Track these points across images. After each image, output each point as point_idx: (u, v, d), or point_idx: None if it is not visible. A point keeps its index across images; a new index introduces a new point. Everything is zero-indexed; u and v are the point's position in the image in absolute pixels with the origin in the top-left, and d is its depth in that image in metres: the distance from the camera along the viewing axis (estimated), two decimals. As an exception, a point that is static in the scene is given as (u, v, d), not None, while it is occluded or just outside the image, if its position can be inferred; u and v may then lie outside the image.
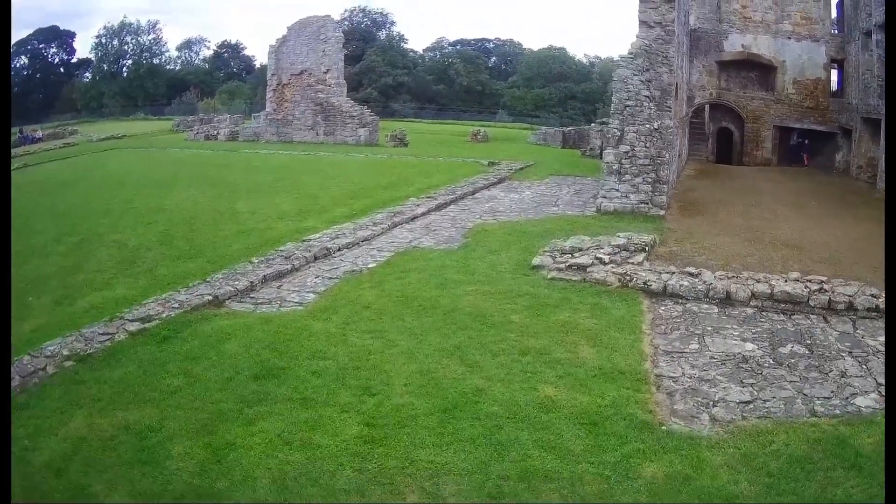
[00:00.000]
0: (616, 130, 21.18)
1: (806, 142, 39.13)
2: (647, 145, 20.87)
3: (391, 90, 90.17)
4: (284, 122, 43.88)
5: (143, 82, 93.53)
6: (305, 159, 32.81)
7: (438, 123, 67.81)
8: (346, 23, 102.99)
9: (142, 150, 41.65)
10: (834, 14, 38.67)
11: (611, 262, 14.07)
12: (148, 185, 26.41)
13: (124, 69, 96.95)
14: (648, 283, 13.03)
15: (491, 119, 79.35)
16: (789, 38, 38.50)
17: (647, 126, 21.08)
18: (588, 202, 21.84)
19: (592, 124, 46.17)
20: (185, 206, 21.99)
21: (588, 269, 13.72)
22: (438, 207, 20.58)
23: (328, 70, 44.14)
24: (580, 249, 14.66)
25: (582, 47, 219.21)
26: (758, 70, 39.40)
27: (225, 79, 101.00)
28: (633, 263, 14.23)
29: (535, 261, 14.39)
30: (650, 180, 20.70)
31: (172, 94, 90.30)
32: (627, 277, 13.29)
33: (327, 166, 29.66)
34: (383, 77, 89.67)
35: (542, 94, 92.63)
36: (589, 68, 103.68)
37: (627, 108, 21.46)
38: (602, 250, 14.62)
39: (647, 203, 20.46)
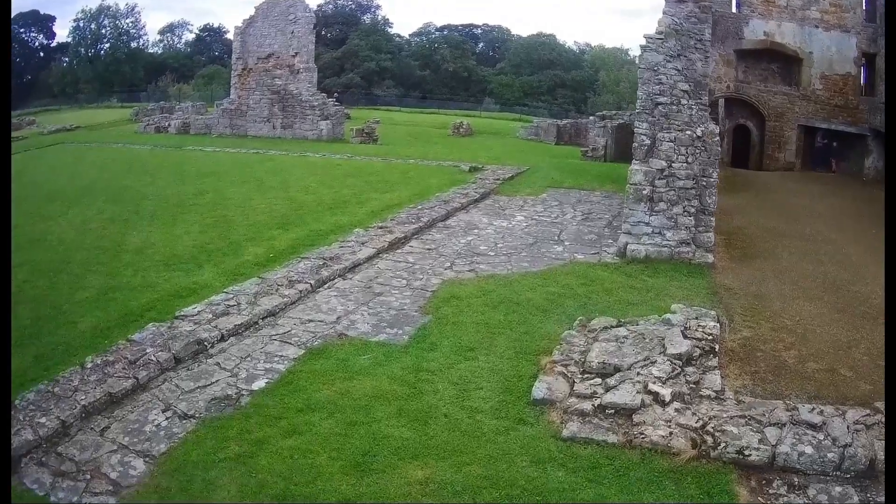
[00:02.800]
0: (644, 138, 14.47)
1: (834, 144, 32.53)
2: (689, 160, 14.18)
3: (374, 75, 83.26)
4: (238, 114, 36.83)
5: (121, 67, 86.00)
6: (248, 161, 25.91)
7: (420, 112, 60.78)
8: (329, 6, 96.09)
9: (85, 145, 34.68)
10: (864, 2, 31.95)
11: (673, 397, 7.41)
12: (54, 198, 19.86)
13: (102, 53, 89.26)
14: (746, 452, 6.55)
15: (477, 107, 72.40)
16: (817, 26, 31.81)
17: (688, 133, 14.38)
18: (604, 235, 15.12)
19: (591, 118, 39.32)
20: (68, 236, 15.54)
21: (635, 418, 7.10)
22: (393, 245, 13.80)
23: (297, 53, 37.26)
24: (618, 369, 7.96)
25: (572, 34, 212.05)
26: (780, 62, 32.71)
27: (206, 63, 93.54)
28: (707, 394, 7.60)
29: (539, 389, 7.75)
30: (692, 210, 14.01)
31: (151, 80, 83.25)
32: (708, 438, 6.75)
33: (269, 172, 22.81)
34: (366, 62, 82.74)
35: (530, 82, 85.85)
36: (579, 56, 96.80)
37: (660, 107, 14.79)
38: (654, 367, 7.96)
39: (689, 244, 13.78)
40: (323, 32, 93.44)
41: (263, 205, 17.55)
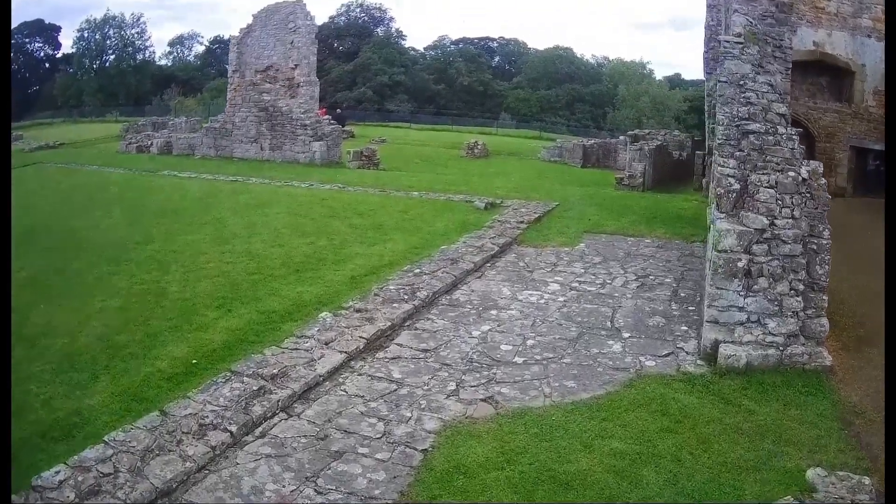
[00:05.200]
0: (733, 181, 9.98)
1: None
2: (796, 214, 9.66)
3: (387, 89, 79.13)
4: (223, 133, 32.49)
5: (126, 79, 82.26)
6: (220, 192, 21.42)
7: (432, 129, 56.27)
8: (342, 18, 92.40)
9: (60, 166, 30.63)
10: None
11: None
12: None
13: (107, 64, 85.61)
14: None
15: (492, 123, 67.95)
16: (869, 36, 27.18)
17: (792, 175, 9.86)
18: (672, 317, 10.58)
19: (621, 137, 34.88)
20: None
21: None
22: (372, 345, 9.24)
23: (297, 65, 33.00)
24: None
25: (587, 47, 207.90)
26: (829, 75, 28.10)
27: (216, 76, 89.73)
28: None
29: None
30: (801, 287, 9.50)
31: (157, 92, 79.51)
32: None
33: (237, 210, 18.33)
34: (378, 75, 78.64)
35: (547, 96, 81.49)
36: (597, 69, 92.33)
37: (751, 138, 10.30)
38: None
39: (797, 336, 9.26)
40: (335, 45, 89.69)
41: (213, 263, 13.15)
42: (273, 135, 30.80)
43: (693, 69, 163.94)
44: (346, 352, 8.75)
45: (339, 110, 48.04)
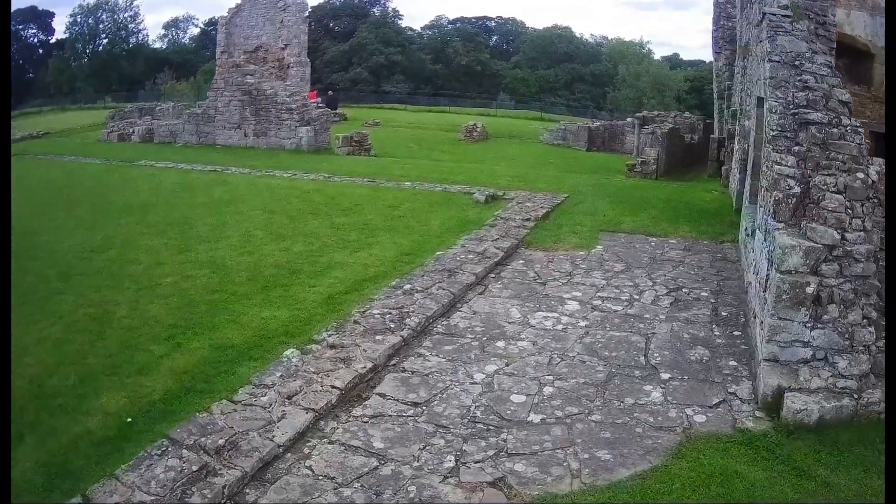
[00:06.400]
0: (793, 182, 8.00)
1: (909, 155, 25.58)
2: (867, 224, 7.66)
3: (383, 70, 76.80)
4: (206, 119, 30.30)
5: (119, 63, 79.73)
6: (195, 185, 19.25)
7: (429, 111, 54.03)
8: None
9: (39, 158, 28.25)
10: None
11: None
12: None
13: (100, 49, 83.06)
14: None
15: (490, 103, 65.70)
16: (887, 17, 25.08)
17: (861, 177, 7.86)
18: (716, 346, 8.56)
19: (629, 119, 32.76)
20: None
21: None
22: (347, 395, 7.23)
23: (287, 45, 30.82)
24: None
25: (585, 27, 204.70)
26: (847, 57, 25.75)
27: (210, 58, 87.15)
28: None
29: None
30: (874, 314, 7.52)
31: (150, 76, 76.99)
32: None
33: (209, 207, 16.20)
34: (375, 55, 76.23)
35: (546, 76, 79.21)
36: (596, 49, 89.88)
37: (811, 129, 8.29)
38: None
39: (868, 377, 7.29)
40: (330, 25, 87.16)
41: (171, 276, 11.14)
42: (257, 120, 28.69)
43: (692, 49, 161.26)
44: (313, 409, 6.76)
45: (330, 92, 45.81)
